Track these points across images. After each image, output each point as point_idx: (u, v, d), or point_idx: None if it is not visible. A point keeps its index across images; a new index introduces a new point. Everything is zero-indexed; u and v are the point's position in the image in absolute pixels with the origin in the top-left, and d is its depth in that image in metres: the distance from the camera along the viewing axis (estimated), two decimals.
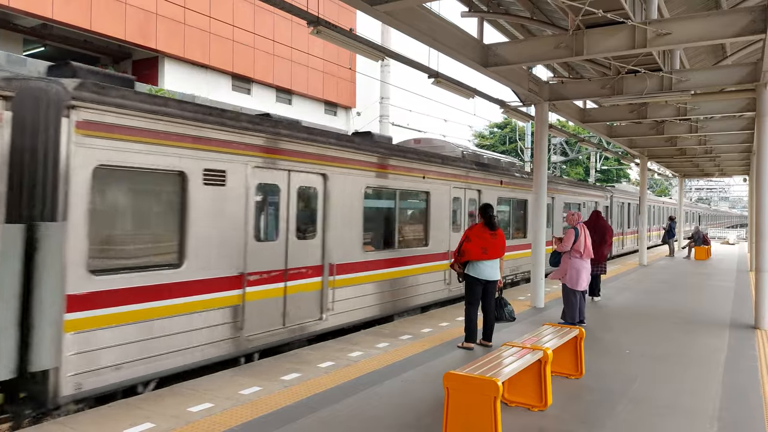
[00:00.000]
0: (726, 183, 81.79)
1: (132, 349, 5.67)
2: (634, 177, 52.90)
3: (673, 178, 39.17)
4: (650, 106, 14.12)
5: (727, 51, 12.04)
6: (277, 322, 7.41)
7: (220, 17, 22.23)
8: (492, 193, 13.13)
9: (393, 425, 4.90)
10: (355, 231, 8.82)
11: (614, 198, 24.80)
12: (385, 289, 9.55)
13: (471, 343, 7.64)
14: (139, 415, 4.98)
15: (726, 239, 39.32)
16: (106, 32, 19.03)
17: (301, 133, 7.79)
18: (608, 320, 9.81)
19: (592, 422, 5.07)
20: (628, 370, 6.71)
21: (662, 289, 14.04)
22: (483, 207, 7.78)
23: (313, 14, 7.23)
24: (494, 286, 7.67)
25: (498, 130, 44.22)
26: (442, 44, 8.21)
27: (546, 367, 5.31)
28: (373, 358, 7.01)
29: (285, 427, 4.80)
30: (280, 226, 7.52)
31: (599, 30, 8.53)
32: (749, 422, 5.15)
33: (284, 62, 25.87)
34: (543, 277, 11.25)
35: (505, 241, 7.83)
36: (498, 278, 7.67)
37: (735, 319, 10.07)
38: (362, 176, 8.97)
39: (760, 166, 9.54)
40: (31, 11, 17.00)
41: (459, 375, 4.43)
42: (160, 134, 5.96)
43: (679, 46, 8.50)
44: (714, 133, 16.84)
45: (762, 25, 7.44)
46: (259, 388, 5.77)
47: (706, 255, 23.19)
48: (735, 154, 22.76)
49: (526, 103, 12.68)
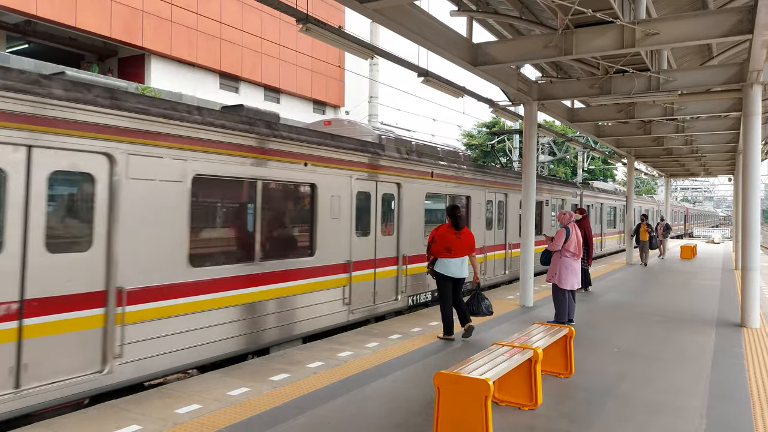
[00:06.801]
0: (711, 183, 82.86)
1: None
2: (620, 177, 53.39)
3: (659, 177, 39.58)
4: (638, 106, 14.22)
5: (714, 51, 12.15)
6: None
7: (207, 14, 22.08)
8: (417, 187, 10.69)
9: (383, 425, 4.86)
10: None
11: (584, 198, 22.06)
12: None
13: (449, 335, 8.02)
14: (125, 418, 4.90)
15: (711, 238, 39.75)
16: (92, 29, 18.80)
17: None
18: (597, 319, 9.85)
19: (582, 421, 5.07)
20: (617, 369, 6.73)
21: (649, 287, 14.15)
22: (450, 207, 8.15)
23: (301, 11, 7.17)
24: (461, 283, 8.07)
25: (486, 130, 44.35)
26: (432, 43, 8.19)
27: (536, 366, 5.31)
28: (362, 358, 6.97)
29: (273, 428, 4.75)
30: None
31: (588, 30, 8.56)
32: (737, 419, 5.18)
33: (272, 60, 25.73)
34: (531, 276, 11.27)
35: (473, 240, 8.16)
36: (464, 276, 8.02)
37: (721, 318, 10.15)
38: (193, 160, 6.48)
39: (747, 165, 9.61)
40: (15, 8, 16.74)
41: (450, 374, 4.40)
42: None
43: (667, 46, 8.55)
44: (700, 132, 17.02)
45: (749, 26, 7.50)
46: (247, 389, 5.71)
47: (691, 254, 23.40)
48: (720, 154, 23.03)
49: (515, 103, 12.72)
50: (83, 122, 5.44)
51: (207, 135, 6.60)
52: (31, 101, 5.04)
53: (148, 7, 20.21)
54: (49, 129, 5.20)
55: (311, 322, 8.16)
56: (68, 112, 5.31)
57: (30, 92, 5.04)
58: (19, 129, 4.98)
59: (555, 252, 8.89)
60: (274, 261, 7.55)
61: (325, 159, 8.48)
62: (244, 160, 7.09)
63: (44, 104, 5.14)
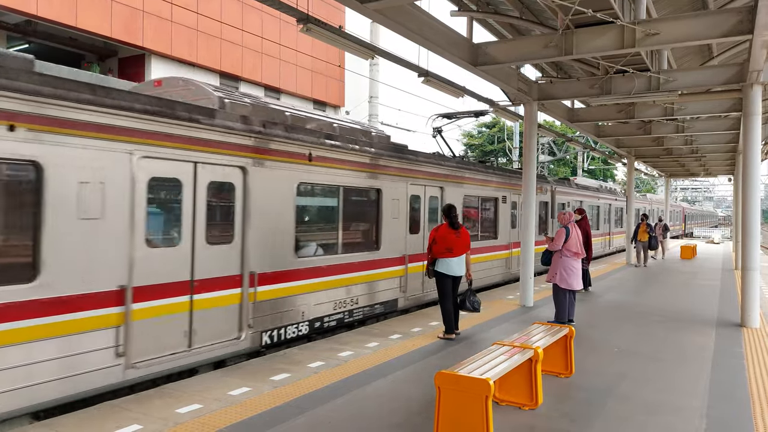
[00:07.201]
0: (711, 183, 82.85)
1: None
2: (620, 177, 53.42)
3: (659, 177, 39.57)
4: (638, 106, 14.22)
5: (714, 51, 12.15)
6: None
7: (207, 14, 22.08)
8: (282, 176, 7.81)
9: (383, 425, 4.87)
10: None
11: (557, 195, 18.41)
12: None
13: (451, 333, 8.13)
14: (126, 417, 4.90)
15: (711, 238, 39.77)
16: (92, 29, 18.77)
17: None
18: (597, 319, 9.86)
19: (583, 420, 5.08)
20: (617, 369, 6.74)
21: (649, 287, 14.15)
22: (446, 208, 8.29)
23: (302, 11, 7.18)
24: (459, 281, 8.31)
25: (486, 130, 44.37)
26: (432, 43, 8.20)
27: (536, 365, 5.31)
28: (362, 358, 6.98)
29: (274, 428, 4.76)
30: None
31: (588, 30, 8.57)
32: (737, 419, 5.19)
33: (273, 60, 25.71)
34: (532, 276, 11.27)
35: (469, 238, 8.37)
36: (463, 273, 8.28)
37: (721, 318, 10.16)
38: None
39: (747, 165, 9.62)
40: (15, 8, 16.72)
41: (450, 374, 4.41)
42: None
43: (668, 46, 8.56)
44: (700, 132, 17.03)
45: (749, 26, 7.50)
46: (248, 389, 5.72)
47: (691, 254, 23.41)
48: (720, 154, 23.03)
49: (515, 103, 12.73)
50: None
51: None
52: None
53: (148, 7, 20.20)
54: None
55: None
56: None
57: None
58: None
59: (555, 252, 8.91)
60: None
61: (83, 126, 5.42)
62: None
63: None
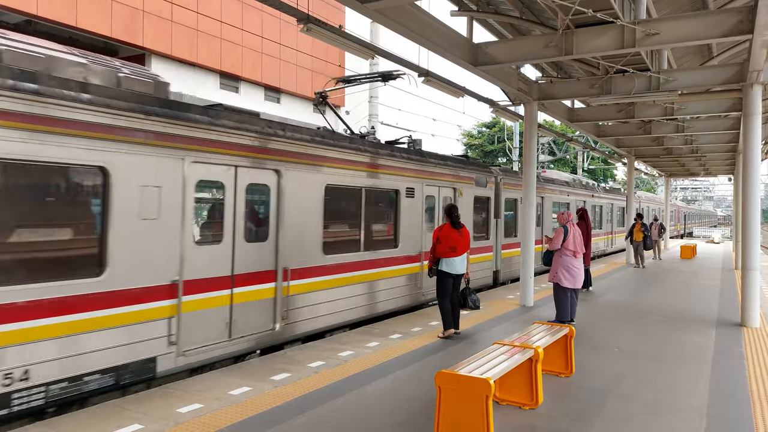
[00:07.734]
0: (710, 183, 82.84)
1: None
2: (620, 176, 53.42)
3: (659, 177, 39.58)
4: (638, 106, 14.23)
5: (714, 51, 12.16)
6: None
7: (207, 14, 22.07)
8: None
9: (384, 425, 4.87)
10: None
11: (502, 188, 14.51)
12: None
13: (450, 330, 8.18)
14: (126, 417, 4.91)
15: (711, 238, 39.76)
16: (92, 29, 18.77)
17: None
18: (597, 318, 9.86)
19: (583, 420, 5.08)
20: (617, 368, 6.74)
21: (649, 287, 14.16)
22: (448, 208, 8.30)
23: (302, 11, 7.18)
24: (460, 280, 8.38)
25: (486, 130, 44.36)
26: (432, 43, 8.20)
27: (537, 365, 5.32)
28: (363, 358, 6.99)
29: (274, 427, 4.76)
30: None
31: (588, 30, 8.57)
32: (737, 419, 5.19)
33: (273, 60, 25.70)
34: (532, 276, 11.28)
35: (469, 237, 8.48)
36: (464, 271, 8.36)
37: (721, 317, 10.17)
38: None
39: (747, 165, 9.63)
40: (16, 7, 16.72)
41: (451, 374, 4.41)
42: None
43: (668, 46, 8.56)
44: (700, 132, 17.03)
45: (749, 26, 7.50)
46: (248, 389, 5.72)
47: (691, 253, 23.41)
48: (720, 153, 23.02)
49: (516, 103, 12.72)
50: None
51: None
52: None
53: (148, 6, 20.20)
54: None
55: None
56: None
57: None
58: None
59: (555, 251, 8.91)
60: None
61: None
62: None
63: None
